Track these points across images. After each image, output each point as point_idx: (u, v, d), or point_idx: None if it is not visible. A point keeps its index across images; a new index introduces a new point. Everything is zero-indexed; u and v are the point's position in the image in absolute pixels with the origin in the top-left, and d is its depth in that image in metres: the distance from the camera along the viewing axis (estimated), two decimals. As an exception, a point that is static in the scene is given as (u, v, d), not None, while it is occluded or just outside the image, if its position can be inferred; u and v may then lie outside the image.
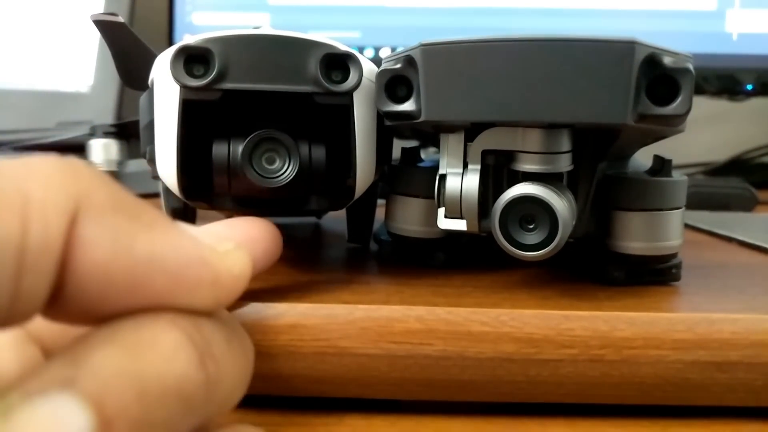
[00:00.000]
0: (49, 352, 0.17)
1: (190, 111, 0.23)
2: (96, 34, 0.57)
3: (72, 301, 0.13)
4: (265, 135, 0.23)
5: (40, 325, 0.16)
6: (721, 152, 0.68)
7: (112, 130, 0.39)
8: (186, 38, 0.23)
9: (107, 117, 0.60)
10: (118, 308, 0.13)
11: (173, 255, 0.14)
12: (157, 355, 0.13)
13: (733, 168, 0.66)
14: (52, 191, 0.12)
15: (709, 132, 0.70)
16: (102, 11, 0.25)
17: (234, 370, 0.15)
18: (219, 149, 0.23)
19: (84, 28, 0.60)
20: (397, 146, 0.29)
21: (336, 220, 0.40)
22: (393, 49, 0.59)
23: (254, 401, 0.24)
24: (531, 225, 0.23)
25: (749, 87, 0.57)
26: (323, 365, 0.22)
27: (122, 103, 0.61)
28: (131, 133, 0.40)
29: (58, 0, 0.59)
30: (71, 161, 0.13)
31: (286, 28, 0.24)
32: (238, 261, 0.15)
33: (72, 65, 0.59)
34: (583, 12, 0.58)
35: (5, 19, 0.55)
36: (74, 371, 0.12)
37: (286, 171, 0.23)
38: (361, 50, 0.59)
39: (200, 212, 0.31)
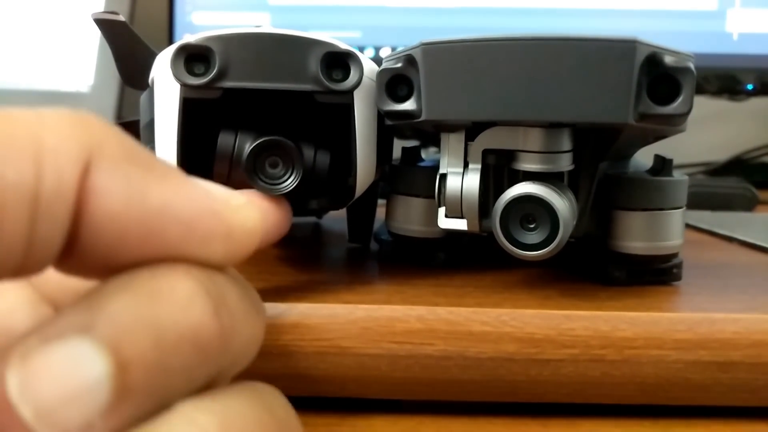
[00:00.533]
0: None
1: (190, 109, 0.23)
2: (96, 34, 0.57)
3: (85, 252, 0.13)
4: (270, 141, 0.23)
5: (53, 285, 0.17)
6: (721, 152, 0.68)
7: (113, 129, 0.39)
8: (186, 37, 0.23)
9: (108, 117, 0.60)
10: (131, 259, 0.13)
11: (186, 206, 0.14)
12: (173, 303, 0.13)
13: (733, 168, 0.66)
14: (66, 139, 0.12)
15: (709, 132, 0.70)
16: (102, 10, 0.25)
17: (248, 324, 0.15)
18: (225, 139, 0.23)
19: (84, 28, 0.60)
20: (398, 146, 0.29)
21: (336, 219, 0.40)
22: (393, 49, 0.59)
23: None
24: (532, 224, 0.23)
25: (750, 87, 0.57)
26: (324, 365, 0.22)
27: (123, 103, 0.61)
28: (132, 132, 0.40)
29: (58, 0, 0.59)
30: (83, 113, 0.13)
31: (286, 27, 0.24)
32: (250, 216, 0.15)
33: (72, 65, 0.59)
34: (584, 12, 0.58)
35: (5, 19, 0.55)
36: (91, 317, 0.12)
37: (289, 178, 0.23)
38: (361, 50, 0.59)
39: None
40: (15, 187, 0.11)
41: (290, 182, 0.23)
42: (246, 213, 0.15)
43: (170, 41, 0.61)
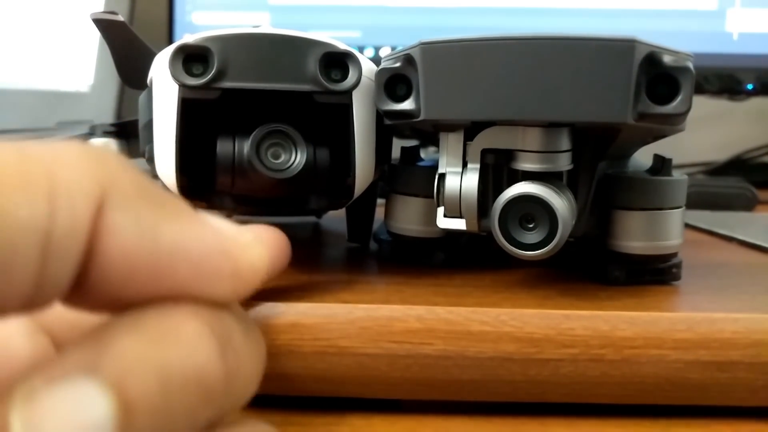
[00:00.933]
0: (59, 344, 0.17)
1: (188, 110, 0.23)
2: (96, 34, 0.57)
3: (94, 288, 0.13)
4: (272, 128, 0.23)
5: (51, 316, 0.16)
6: (721, 152, 0.68)
7: (112, 129, 0.39)
8: (185, 37, 0.23)
9: (107, 116, 0.60)
10: (139, 296, 0.13)
11: (196, 245, 0.14)
12: (180, 345, 0.13)
13: (733, 167, 0.66)
14: (80, 176, 0.12)
15: (709, 131, 0.70)
16: (102, 10, 0.25)
17: (251, 363, 0.15)
18: (224, 146, 0.23)
19: (84, 28, 0.60)
20: (397, 145, 0.29)
21: (336, 219, 0.40)
22: (393, 49, 0.59)
23: (254, 400, 0.24)
24: (531, 224, 0.23)
25: (750, 87, 0.57)
26: (323, 364, 0.22)
27: (122, 103, 0.61)
28: (131, 132, 0.40)
29: (58, 0, 0.59)
30: (97, 148, 0.13)
31: (286, 27, 0.24)
32: (257, 254, 0.15)
33: (72, 65, 0.59)
34: (584, 12, 0.58)
35: (5, 19, 0.55)
36: (97, 357, 0.12)
37: (293, 163, 0.23)
38: (361, 50, 0.59)
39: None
40: (27, 225, 0.11)
41: (294, 166, 0.23)
42: (253, 251, 0.15)
43: (170, 41, 0.61)
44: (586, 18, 0.58)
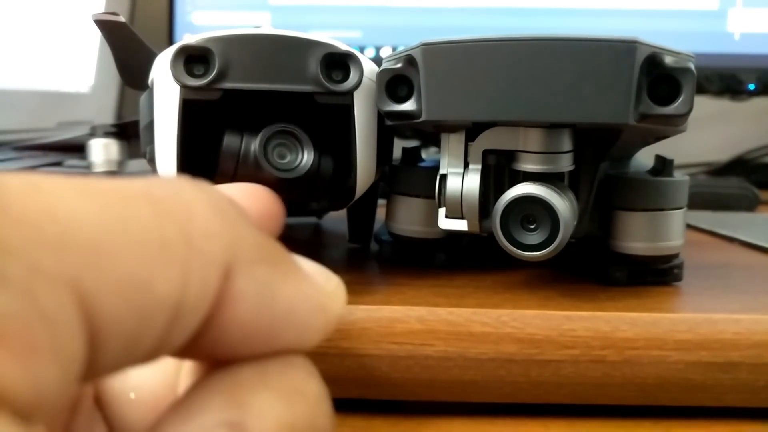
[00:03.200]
0: None
1: (190, 111, 0.23)
2: (97, 34, 0.57)
3: (200, 347, 0.13)
4: (281, 128, 0.23)
5: None
6: (722, 152, 0.68)
7: (113, 130, 0.39)
8: (186, 38, 0.23)
9: (108, 117, 0.60)
10: (246, 354, 0.13)
11: (304, 305, 0.14)
12: (306, 404, 0.13)
13: (734, 168, 0.66)
14: (212, 240, 0.12)
15: (710, 132, 0.70)
16: (103, 11, 0.25)
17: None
18: (231, 140, 0.23)
19: (85, 28, 0.60)
20: (398, 146, 0.29)
21: (336, 220, 0.40)
22: (394, 49, 0.59)
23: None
24: (532, 225, 0.23)
25: (751, 87, 0.57)
26: (324, 365, 0.22)
27: (123, 103, 0.61)
28: (132, 133, 0.40)
29: (59, 0, 0.59)
30: (220, 196, 0.13)
31: (286, 27, 0.24)
32: (340, 301, 0.15)
33: (73, 65, 0.59)
34: (585, 12, 0.58)
35: (6, 20, 0.55)
36: (241, 414, 0.12)
37: (299, 164, 0.23)
38: (362, 50, 0.59)
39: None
40: (163, 299, 0.11)
41: (302, 166, 0.23)
42: (338, 299, 0.15)
43: (170, 41, 0.61)
44: (587, 18, 0.58)
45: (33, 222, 0.10)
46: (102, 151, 0.39)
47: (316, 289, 0.14)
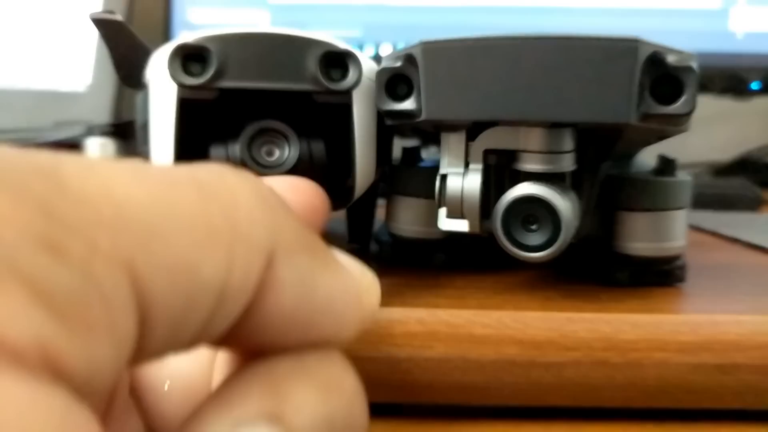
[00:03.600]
0: None
1: (186, 110, 0.23)
2: (94, 34, 0.56)
3: (241, 336, 0.13)
4: (262, 126, 0.23)
5: None
6: (725, 152, 0.67)
7: (109, 129, 0.39)
8: (182, 36, 0.23)
9: (104, 116, 0.60)
10: (283, 344, 0.13)
11: (342, 297, 0.14)
12: (343, 398, 0.13)
13: (738, 168, 0.65)
14: (256, 226, 0.12)
15: (713, 131, 0.70)
16: (101, 10, 0.25)
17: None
18: (216, 152, 0.23)
19: (82, 28, 0.59)
20: (398, 146, 0.29)
21: (334, 220, 0.39)
22: (394, 47, 0.59)
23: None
24: (534, 225, 0.23)
25: (754, 86, 0.56)
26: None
27: (120, 103, 0.61)
28: (129, 132, 0.40)
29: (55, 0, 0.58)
30: (263, 185, 0.13)
31: (285, 25, 0.24)
32: (376, 296, 0.16)
33: (69, 65, 0.59)
34: (586, 10, 0.58)
35: (2, 19, 0.55)
36: (279, 406, 0.12)
37: (286, 159, 0.23)
38: (361, 48, 0.59)
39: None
40: (208, 283, 0.11)
41: (287, 162, 0.23)
42: (373, 294, 0.15)
43: (167, 39, 0.61)
44: (588, 17, 0.58)
45: (91, 202, 0.10)
46: (99, 150, 0.39)
47: (353, 281, 0.14)
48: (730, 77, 0.56)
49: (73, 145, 0.47)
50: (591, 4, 0.58)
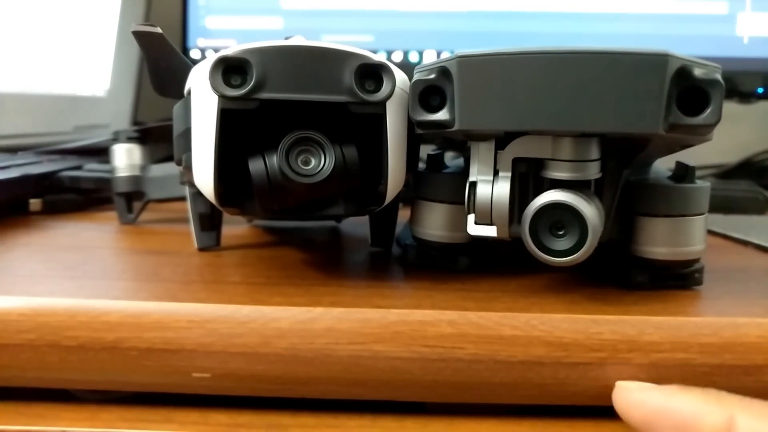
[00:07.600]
0: None
1: (227, 120, 0.24)
2: (113, 38, 0.57)
3: None
4: (299, 136, 0.23)
5: None
6: (731, 155, 0.68)
7: (135, 134, 0.40)
8: (224, 50, 0.24)
9: (124, 120, 0.60)
10: None
11: None
12: None
13: (744, 171, 0.66)
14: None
15: (719, 135, 0.69)
16: (142, 23, 0.26)
17: None
18: (255, 165, 0.24)
19: (101, 32, 0.60)
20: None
21: (354, 223, 0.40)
22: (405, 53, 0.60)
23: (289, 403, 0.24)
24: (561, 231, 0.23)
25: (760, 90, 0.57)
26: (358, 368, 0.23)
27: (138, 107, 0.62)
28: (153, 137, 0.41)
29: (75, 4, 0.59)
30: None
31: (298, 31, 0.25)
32: None
33: (89, 69, 0.59)
34: (596, 16, 0.59)
35: (22, 24, 0.55)
36: None
37: (323, 166, 0.24)
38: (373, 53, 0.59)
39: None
40: None
41: (324, 170, 0.23)
42: None
43: (184, 45, 0.62)
44: (597, 22, 0.59)
45: None
46: (125, 155, 0.39)
47: None
48: (736, 82, 0.57)
49: (94, 149, 0.48)
50: (599, 9, 0.59)
